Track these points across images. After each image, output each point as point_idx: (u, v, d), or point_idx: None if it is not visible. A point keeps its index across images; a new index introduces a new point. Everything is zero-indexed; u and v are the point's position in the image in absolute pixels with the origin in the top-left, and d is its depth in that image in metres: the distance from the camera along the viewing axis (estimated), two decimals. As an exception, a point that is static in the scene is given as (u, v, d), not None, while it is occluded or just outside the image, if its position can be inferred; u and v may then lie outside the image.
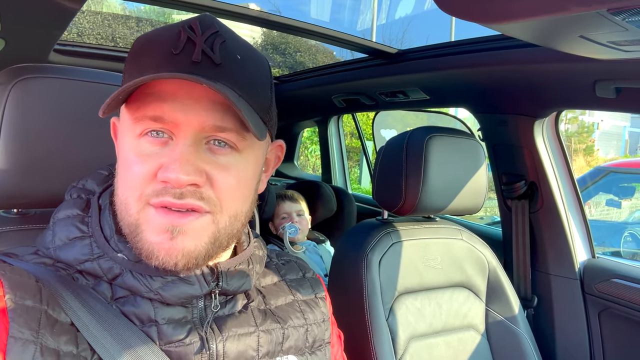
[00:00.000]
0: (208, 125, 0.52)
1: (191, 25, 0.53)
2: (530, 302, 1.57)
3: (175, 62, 0.51)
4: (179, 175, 0.50)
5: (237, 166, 0.55)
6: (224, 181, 0.54)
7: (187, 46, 0.52)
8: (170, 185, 0.51)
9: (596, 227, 3.81)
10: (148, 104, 0.51)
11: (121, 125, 0.57)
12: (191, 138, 0.52)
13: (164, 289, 0.55)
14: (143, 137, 0.53)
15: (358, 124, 2.99)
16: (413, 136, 1.27)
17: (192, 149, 0.51)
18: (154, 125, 0.52)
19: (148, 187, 0.52)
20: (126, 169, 0.54)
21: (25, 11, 0.87)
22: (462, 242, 1.37)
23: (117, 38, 2.41)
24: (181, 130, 0.52)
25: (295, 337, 0.65)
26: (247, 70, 0.55)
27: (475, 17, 0.61)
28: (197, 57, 0.51)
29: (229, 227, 0.56)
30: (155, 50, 0.53)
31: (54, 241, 0.58)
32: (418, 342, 1.21)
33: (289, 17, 1.40)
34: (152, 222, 0.52)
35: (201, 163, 0.52)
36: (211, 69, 0.52)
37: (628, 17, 0.55)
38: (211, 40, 0.53)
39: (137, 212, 0.53)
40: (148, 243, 0.52)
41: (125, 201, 0.54)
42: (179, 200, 0.51)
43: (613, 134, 15.37)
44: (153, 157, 0.52)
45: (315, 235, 2.27)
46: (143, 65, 0.53)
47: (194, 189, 0.52)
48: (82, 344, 0.51)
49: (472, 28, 0.85)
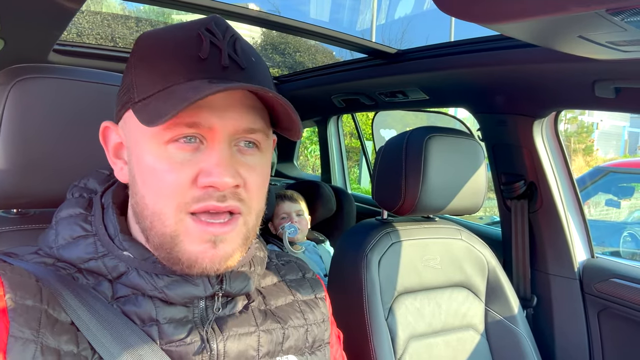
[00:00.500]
0: (241, 128, 0.54)
1: (209, 28, 0.54)
2: (530, 302, 1.57)
3: (206, 67, 0.52)
4: (224, 179, 0.51)
5: (261, 165, 0.57)
6: (254, 181, 0.56)
7: (212, 50, 0.52)
8: (213, 190, 0.52)
9: (595, 227, 3.81)
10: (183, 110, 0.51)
11: (132, 132, 0.55)
12: (226, 142, 0.53)
13: (169, 287, 0.55)
14: (172, 144, 0.52)
15: (357, 124, 2.99)
16: (412, 136, 1.27)
17: (229, 153, 0.53)
18: (188, 131, 0.52)
19: (186, 195, 0.52)
20: (155, 177, 0.53)
21: (25, 11, 0.87)
22: (461, 242, 1.37)
23: (116, 38, 2.41)
24: (216, 134, 0.52)
25: (295, 337, 0.66)
26: (261, 71, 0.57)
27: (474, 18, 0.61)
28: (225, 62, 0.52)
29: (255, 225, 0.58)
30: (176, 54, 0.53)
31: (57, 240, 0.58)
32: (417, 342, 1.22)
33: (289, 17, 1.40)
34: (192, 233, 0.53)
35: (237, 166, 0.54)
36: (239, 73, 0.53)
37: (627, 17, 0.55)
38: (232, 43, 0.54)
39: (175, 223, 0.53)
40: (189, 252, 0.53)
41: (159, 212, 0.53)
42: (222, 203, 0.52)
43: (612, 134, 15.38)
44: (187, 164, 0.52)
45: (315, 235, 2.27)
46: (166, 70, 0.52)
47: (234, 190, 0.53)
48: (82, 344, 0.51)
49: (472, 28, 0.85)
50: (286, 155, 3.27)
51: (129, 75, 0.56)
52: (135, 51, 0.56)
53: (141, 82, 0.54)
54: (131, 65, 0.56)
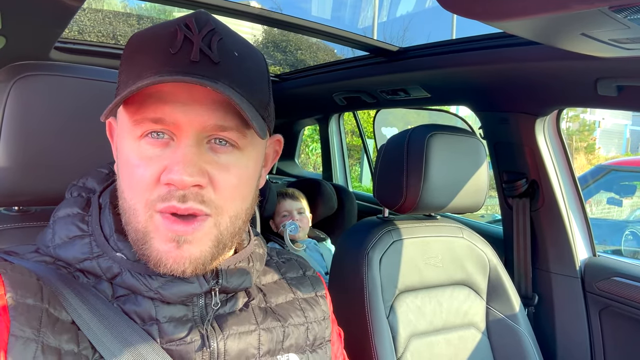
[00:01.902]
0: (210, 125, 0.51)
1: (187, 23, 0.52)
2: (531, 300, 1.57)
3: (174, 62, 0.50)
4: (182, 177, 0.49)
5: (238, 164, 0.55)
6: (225, 181, 0.53)
7: (184, 45, 0.51)
8: (175, 188, 0.51)
9: (597, 225, 3.81)
10: (148, 105, 0.50)
11: (119, 127, 0.56)
12: (193, 138, 0.51)
13: (163, 288, 0.55)
14: (143, 139, 0.52)
15: (359, 122, 2.99)
16: (414, 134, 1.27)
17: (195, 150, 0.51)
18: (155, 127, 0.51)
19: (153, 193, 0.52)
20: (129, 172, 0.53)
21: (26, 9, 0.86)
22: (463, 240, 1.37)
23: (117, 36, 2.41)
24: (183, 130, 0.51)
25: (295, 335, 0.66)
26: (245, 67, 0.55)
27: (476, 15, 0.60)
28: (195, 57, 0.50)
29: (230, 228, 0.56)
30: (151, 49, 0.52)
31: (54, 239, 0.58)
32: (418, 340, 1.22)
33: (290, 14, 1.40)
34: (160, 230, 0.52)
35: (203, 163, 0.52)
36: (210, 68, 0.51)
37: (630, 14, 0.55)
38: (208, 38, 0.52)
39: (145, 220, 0.52)
40: (156, 251, 0.53)
41: (133, 207, 0.53)
42: (182, 204, 0.51)
43: (614, 132, 15.36)
44: (155, 160, 0.52)
45: (316, 233, 2.27)
46: (140, 65, 0.52)
47: (197, 190, 0.51)
48: (83, 343, 0.51)
49: (474, 26, 0.85)
50: (287, 153, 3.27)
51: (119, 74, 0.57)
52: (124, 50, 0.56)
53: (122, 78, 0.55)
54: (120, 64, 0.56)
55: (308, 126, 3.59)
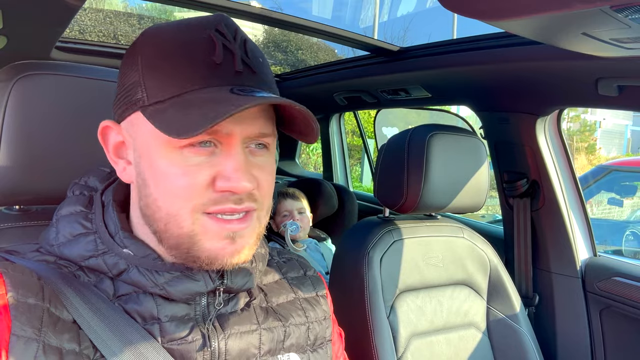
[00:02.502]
0: (254, 133, 0.55)
1: (219, 30, 0.54)
2: (532, 300, 1.57)
3: (221, 73, 0.52)
4: (243, 184, 0.52)
5: (270, 163, 0.59)
6: (265, 180, 0.57)
7: (226, 55, 0.53)
8: (230, 194, 0.53)
9: (598, 225, 3.81)
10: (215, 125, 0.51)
11: (143, 135, 0.54)
12: (241, 146, 0.54)
13: (169, 284, 0.55)
14: (187, 148, 0.52)
15: (360, 122, 2.99)
16: (415, 134, 1.27)
17: (244, 156, 0.54)
18: (208, 138, 0.52)
19: (203, 197, 0.53)
20: (169, 180, 0.52)
21: (28, 8, 0.87)
22: (463, 240, 1.37)
23: (118, 35, 2.42)
24: (232, 139, 0.53)
25: (296, 335, 0.66)
26: (268, 70, 0.59)
27: (477, 14, 0.60)
28: (239, 67, 0.53)
29: (266, 220, 0.60)
30: (189, 57, 0.52)
31: (58, 238, 0.58)
32: (419, 339, 1.22)
33: (291, 14, 1.40)
34: (211, 231, 0.54)
35: (251, 168, 0.55)
36: (252, 78, 0.54)
37: (631, 14, 0.55)
38: (243, 46, 0.55)
39: (191, 224, 0.53)
40: (208, 250, 0.54)
41: (175, 214, 0.53)
42: (239, 205, 0.54)
43: (615, 133, 15.35)
44: (204, 167, 0.52)
45: (317, 233, 2.27)
46: (179, 74, 0.52)
47: (250, 192, 0.55)
48: (84, 342, 0.51)
49: (474, 25, 0.85)
50: (288, 153, 3.27)
51: (134, 75, 0.54)
52: (140, 49, 0.54)
53: (151, 84, 0.52)
54: (135, 64, 0.54)
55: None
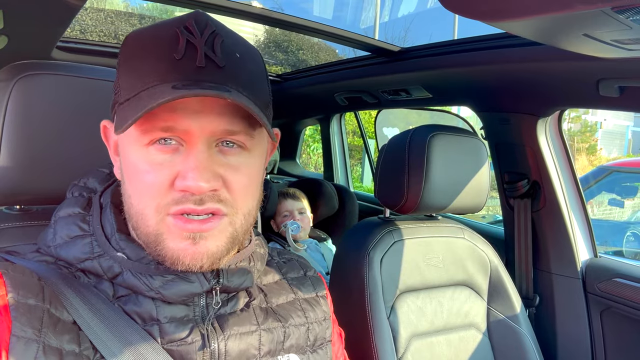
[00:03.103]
0: (219, 130, 0.52)
1: (187, 26, 0.52)
2: (532, 301, 1.57)
3: (180, 68, 0.50)
4: (199, 183, 0.50)
5: (247, 164, 0.56)
6: (238, 181, 0.55)
7: (188, 50, 0.50)
8: (190, 194, 0.51)
9: (598, 226, 3.80)
10: (157, 114, 0.50)
11: (122, 134, 0.55)
12: (204, 144, 0.52)
13: (164, 287, 0.55)
14: (152, 146, 0.52)
15: (360, 122, 2.99)
16: (415, 134, 1.27)
17: (207, 155, 0.52)
18: (164, 135, 0.51)
19: (166, 197, 0.52)
20: (138, 178, 0.53)
21: (29, 8, 0.87)
22: (464, 240, 1.37)
23: (119, 35, 2.41)
24: (193, 137, 0.51)
25: (296, 336, 0.66)
26: (247, 67, 0.55)
27: (478, 15, 0.60)
28: (201, 62, 0.50)
29: (244, 225, 0.57)
30: (153, 54, 0.52)
31: (55, 239, 0.58)
32: (419, 340, 1.21)
33: (292, 14, 1.40)
34: (174, 231, 0.53)
35: (216, 167, 0.52)
36: (216, 73, 0.51)
37: (632, 15, 0.55)
38: (211, 41, 0.52)
39: (156, 223, 0.53)
40: (172, 250, 0.53)
41: (142, 212, 0.53)
42: (199, 206, 0.52)
43: (616, 133, 15.34)
44: (166, 166, 0.52)
45: (317, 233, 2.27)
46: (142, 71, 0.51)
47: (213, 193, 0.52)
48: (84, 343, 0.51)
49: (475, 26, 0.85)
50: (289, 153, 3.27)
51: (117, 76, 0.56)
52: (121, 51, 0.56)
53: (124, 83, 0.54)
54: (118, 66, 0.56)
55: (309, 126, 3.59)
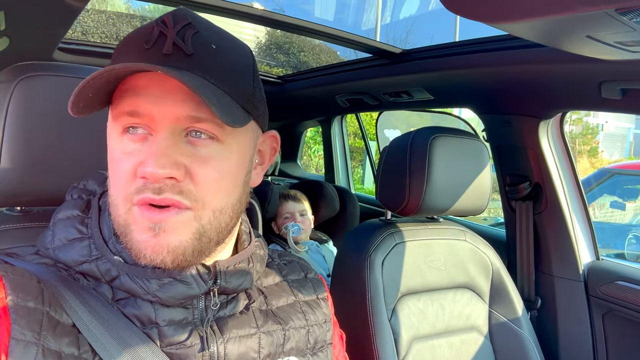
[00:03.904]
0: (182, 116, 0.51)
1: (164, 20, 0.53)
2: (534, 304, 1.57)
3: (148, 56, 0.51)
4: (154, 169, 0.49)
5: (218, 157, 0.54)
6: (204, 174, 0.52)
7: (159, 40, 0.51)
8: (150, 181, 0.50)
9: (600, 229, 3.79)
10: (124, 99, 0.51)
11: (108, 125, 0.57)
12: (168, 131, 0.51)
13: (161, 290, 0.55)
14: (125, 135, 0.53)
15: (362, 124, 2.99)
16: (417, 136, 1.27)
17: (169, 142, 0.51)
18: (132, 121, 0.52)
19: (131, 186, 0.52)
20: (113, 167, 0.54)
21: (30, 9, 0.87)
22: (465, 243, 1.37)
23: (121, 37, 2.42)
24: (157, 123, 0.51)
25: (296, 339, 0.65)
26: (223, 59, 0.54)
27: (481, 17, 0.60)
28: (167, 50, 0.51)
29: (214, 222, 0.55)
30: (130, 47, 0.53)
31: (54, 241, 0.58)
32: (421, 343, 1.21)
33: (293, 16, 1.40)
34: (138, 221, 0.52)
35: (180, 156, 0.51)
36: (183, 60, 0.51)
37: (636, 16, 0.54)
38: (183, 32, 0.52)
39: (124, 213, 0.52)
40: (136, 242, 0.52)
41: (115, 202, 0.54)
42: (157, 195, 0.50)
43: (617, 136, 15.32)
44: (134, 154, 0.52)
45: (318, 235, 2.27)
46: (116, 62, 0.52)
47: (173, 182, 0.51)
48: (83, 346, 0.51)
49: (477, 28, 0.85)
50: (289, 154, 3.27)
51: None
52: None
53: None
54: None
55: (310, 128, 3.59)
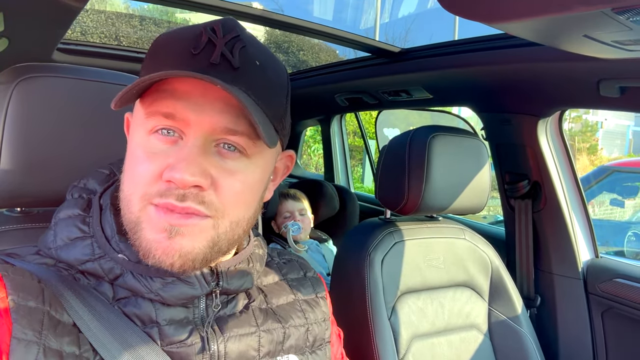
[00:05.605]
0: (219, 127, 0.51)
1: (213, 27, 0.53)
2: (533, 302, 1.57)
3: (194, 62, 0.51)
4: (184, 176, 0.49)
5: (244, 171, 0.54)
6: (229, 186, 0.53)
7: (207, 47, 0.51)
8: (174, 186, 0.50)
9: (599, 226, 3.80)
10: (161, 100, 0.51)
11: (133, 120, 0.57)
12: (201, 139, 0.51)
13: (164, 289, 0.55)
14: (153, 134, 0.52)
15: (361, 123, 2.99)
16: (416, 135, 1.27)
17: (201, 150, 0.51)
18: (165, 122, 0.51)
19: (153, 187, 0.51)
20: (133, 165, 0.53)
21: (29, 10, 0.87)
22: (464, 241, 1.37)
23: (120, 37, 2.42)
24: (192, 129, 0.51)
25: (296, 337, 0.66)
26: (265, 76, 0.55)
27: (479, 17, 0.60)
28: (215, 59, 0.51)
29: (229, 233, 0.55)
30: (174, 48, 0.53)
31: (56, 241, 0.58)
32: (420, 341, 1.21)
33: (292, 15, 1.40)
34: (153, 220, 0.51)
35: (208, 165, 0.51)
36: (229, 72, 0.51)
37: (632, 16, 0.55)
38: (232, 43, 0.52)
39: (138, 210, 0.52)
40: (146, 241, 0.52)
41: (128, 198, 0.53)
42: (180, 203, 0.50)
43: (617, 133, 15.31)
44: (161, 156, 0.52)
45: (318, 234, 2.27)
46: (161, 62, 0.52)
47: (197, 191, 0.51)
48: (84, 345, 0.51)
49: (476, 27, 0.85)
50: (289, 154, 3.26)
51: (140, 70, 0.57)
52: (148, 49, 0.57)
53: (142, 74, 0.55)
54: (143, 62, 0.57)
55: (310, 127, 3.59)
